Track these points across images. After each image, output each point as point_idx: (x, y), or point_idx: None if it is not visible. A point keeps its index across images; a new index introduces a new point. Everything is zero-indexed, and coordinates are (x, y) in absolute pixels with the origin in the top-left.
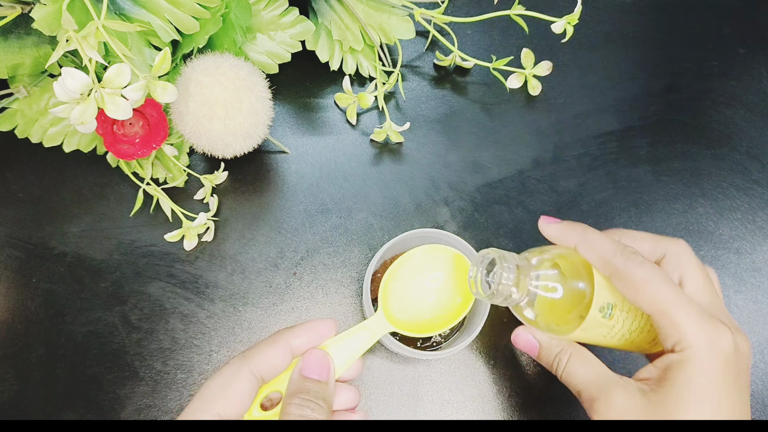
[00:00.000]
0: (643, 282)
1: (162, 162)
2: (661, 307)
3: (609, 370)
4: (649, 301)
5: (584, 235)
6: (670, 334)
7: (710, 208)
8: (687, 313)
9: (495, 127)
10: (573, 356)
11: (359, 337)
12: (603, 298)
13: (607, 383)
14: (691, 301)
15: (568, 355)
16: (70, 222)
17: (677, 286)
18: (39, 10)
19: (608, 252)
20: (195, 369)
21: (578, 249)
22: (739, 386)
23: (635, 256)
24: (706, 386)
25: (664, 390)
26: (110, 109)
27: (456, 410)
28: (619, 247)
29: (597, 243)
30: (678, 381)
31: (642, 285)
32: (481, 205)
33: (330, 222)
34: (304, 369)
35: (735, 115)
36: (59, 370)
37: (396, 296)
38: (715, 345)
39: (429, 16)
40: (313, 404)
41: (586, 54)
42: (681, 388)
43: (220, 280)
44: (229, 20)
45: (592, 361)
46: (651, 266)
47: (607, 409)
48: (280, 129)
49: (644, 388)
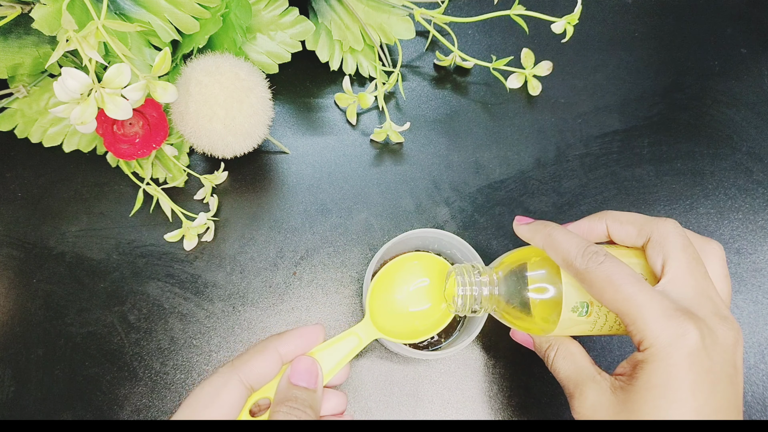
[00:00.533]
0: (603, 282)
1: (162, 162)
2: (621, 306)
3: (591, 365)
4: (611, 300)
5: (549, 236)
6: (634, 333)
7: (712, 208)
8: (648, 311)
9: (496, 128)
10: (558, 351)
11: (347, 343)
12: (574, 299)
13: (583, 379)
14: (655, 298)
15: (554, 351)
16: (69, 222)
17: (640, 283)
18: (39, 10)
19: (570, 253)
20: (194, 369)
21: (545, 250)
22: (713, 380)
23: (596, 256)
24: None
25: (631, 388)
26: (110, 109)
27: (456, 410)
28: (581, 247)
29: (561, 244)
30: (641, 380)
31: (602, 285)
32: (482, 206)
33: (330, 222)
34: (292, 376)
35: (736, 115)
36: (58, 370)
37: (383, 303)
38: (677, 342)
39: (429, 16)
40: (299, 412)
41: (587, 54)
42: (644, 387)
43: (219, 280)
44: (229, 20)
45: (576, 355)
46: (612, 264)
47: (580, 405)
48: (280, 129)
49: (616, 384)
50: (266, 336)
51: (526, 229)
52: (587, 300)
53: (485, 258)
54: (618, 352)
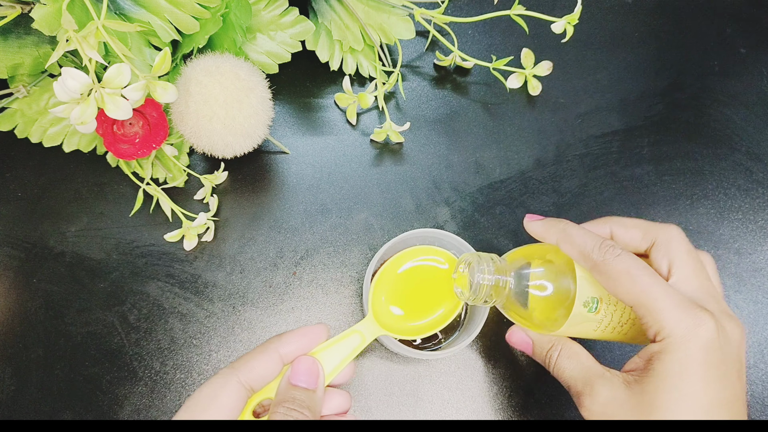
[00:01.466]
0: (621, 273)
1: (162, 162)
2: (639, 297)
3: (597, 364)
4: (627, 292)
5: (565, 231)
6: (650, 324)
7: (711, 208)
8: (665, 302)
9: (496, 127)
10: (562, 352)
11: (350, 342)
12: (587, 293)
13: (591, 377)
14: (670, 290)
15: (558, 351)
16: (69, 222)
17: (656, 276)
18: (39, 10)
19: (587, 246)
20: (194, 369)
21: (559, 245)
22: (724, 373)
23: (613, 249)
24: (684, 375)
25: (646, 380)
26: (110, 109)
27: (456, 410)
28: (597, 241)
29: (577, 238)
30: (657, 371)
31: (619, 276)
32: (482, 206)
33: (330, 222)
34: (292, 377)
35: (735, 115)
36: (57, 370)
37: (385, 299)
38: (693, 333)
39: (429, 16)
40: (297, 413)
41: (587, 54)
42: (660, 378)
43: (219, 279)
44: (229, 20)
45: (581, 355)
46: (629, 257)
47: (592, 403)
48: (280, 129)
49: (629, 378)
50: (266, 336)
51: (540, 225)
52: (598, 296)
53: None
54: (619, 352)
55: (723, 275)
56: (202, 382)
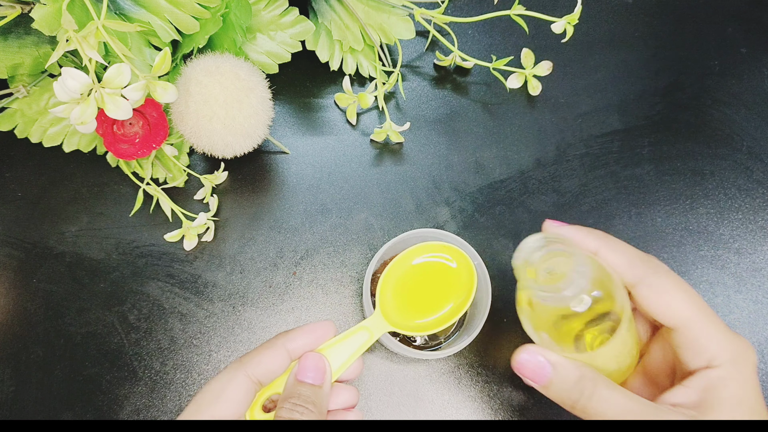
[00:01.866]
0: (672, 291)
1: (162, 162)
2: (689, 318)
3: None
4: (677, 310)
5: (607, 238)
6: (699, 349)
7: (712, 208)
8: (716, 327)
9: (496, 127)
10: (600, 382)
11: (357, 338)
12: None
13: (652, 412)
14: (716, 315)
15: (593, 382)
16: (69, 221)
17: (701, 299)
18: (39, 10)
19: (635, 257)
20: (194, 369)
21: (600, 253)
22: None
23: (663, 265)
24: (751, 400)
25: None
26: (110, 109)
27: (456, 410)
28: (644, 254)
29: (621, 245)
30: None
31: (672, 293)
32: (482, 206)
33: (330, 222)
34: (298, 373)
35: (736, 115)
36: (57, 370)
37: (393, 296)
38: (745, 358)
39: (429, 16)
40: (302, 408)
41: (587, 54)
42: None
43: (219, 279)
44: (229, 20)
45: (622, 389)
46: (677, 276)
47: None
48: (280, 129)
49: (691, 413)
50: (266, 336)
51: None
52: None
53: (486, 258)
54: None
55: (723, 275)
56: (203, 382)
